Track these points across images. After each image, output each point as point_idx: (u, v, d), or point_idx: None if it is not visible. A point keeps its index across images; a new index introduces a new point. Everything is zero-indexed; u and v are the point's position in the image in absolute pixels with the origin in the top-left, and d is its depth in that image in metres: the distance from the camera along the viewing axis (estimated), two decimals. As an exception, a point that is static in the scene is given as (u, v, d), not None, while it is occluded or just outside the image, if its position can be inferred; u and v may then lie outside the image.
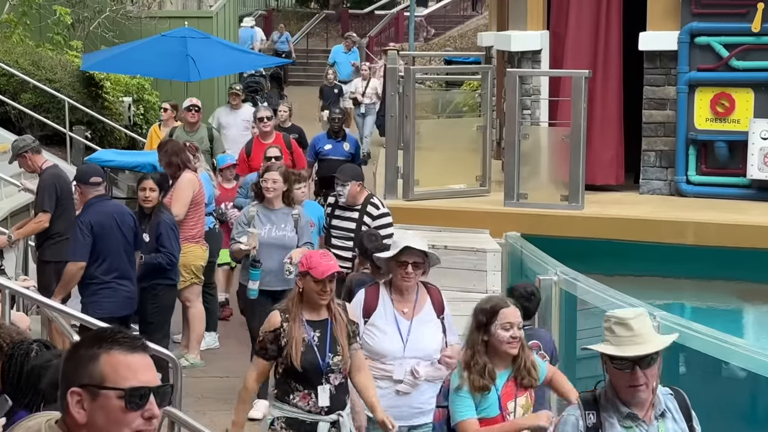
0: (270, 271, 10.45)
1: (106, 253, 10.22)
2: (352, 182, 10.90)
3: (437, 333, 7.81)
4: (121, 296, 10.29)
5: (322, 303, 7.20)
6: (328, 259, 7.29)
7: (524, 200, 14.92)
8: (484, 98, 16.28)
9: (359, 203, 10.97)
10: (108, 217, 10.28)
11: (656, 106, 16.28)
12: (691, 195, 15.95)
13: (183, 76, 18.82)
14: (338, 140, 15.89)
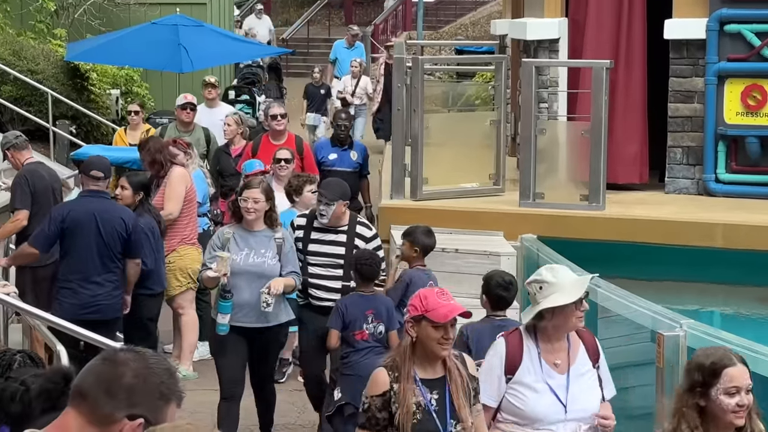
0: (245, 305, 9.81)
1: (73, 251, 10.35)
2: (339, 201, 10.25)
3: (596, 387, 6.92)
4: (83, 300, 10.35)
5: (443, 354, 6.30)
6: (448, 298, 6.40)
7: (541, 200, 14.91)
8: (497, 91, 16.26)
9: (343, 224, 10.36)
10: (87, 215, 10.39)
11: (683, 99, 16.25)
12: (721, 194, 15.93)
13: (175, 67, 18.85)
14: (344, 149, 15.18)
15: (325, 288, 10.29)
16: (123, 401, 3.49)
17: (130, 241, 10.56)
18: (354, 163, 15.07)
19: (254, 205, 9.83)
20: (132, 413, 3.48)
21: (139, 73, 22.38)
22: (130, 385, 3.51)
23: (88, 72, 21.14)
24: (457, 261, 11.32)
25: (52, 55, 20.84)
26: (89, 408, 3.50)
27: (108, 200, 10.82)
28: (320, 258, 10.32)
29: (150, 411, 3.50)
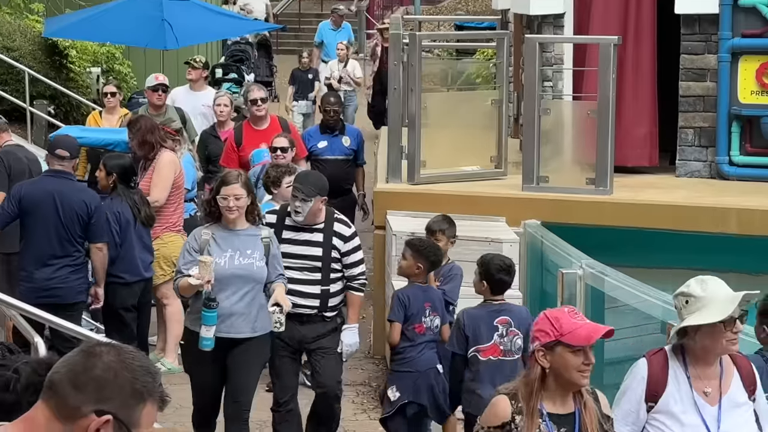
0: (232, 314, 9.21)
1: (31, 232, 10.52)
2: (317, 197, 9.66)
3: (752, 422, 6.26)
4: (38, 283, 10.51)
5: (583, 383, 5.70)
6: (583, 318, 5.80)
7: (545, 184, 14.89)
8: (499, 68, 16.23)
9: (319, 222, 9.77)
10: (46, 194, 10.54)
11: (694, 77, 16.24)
12: (735, 178, 15.92)
13: (159, 44, 18.77)
14: (335, 135, 14.95)
15: (300, 294, 9.66)
16: (91, 395, 3.44)
17: (90, 224, 10.65)
18: (347, 150, 14.85)
19: (236, 203, 9.18)
20: (100, 408, 3.45)
21: (121, 50, 22.33)
22: (98, 378, 3.46)
23: (68, 49, 21.11)
24: (457, 248, 11.27)
25: (29, 32, 20.81)
26: (57, 401, 3.47)
27: (70, 181, 10.88)
28: (294, 260, 9.68)
29: (120, 408, 3.45)
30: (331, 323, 9.84)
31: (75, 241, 10.62)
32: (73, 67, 21.10)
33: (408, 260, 9.80)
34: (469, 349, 9.16)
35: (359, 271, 9.87)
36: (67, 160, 10.76)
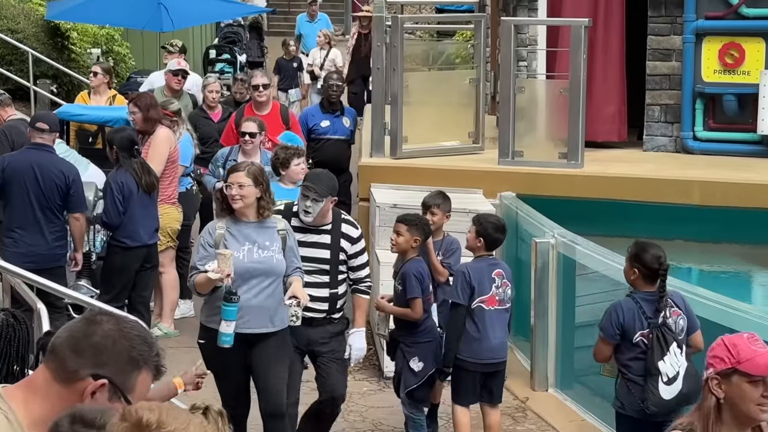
0: (251, 308, 8.35)
1: (13, 201, 10.63)
2: (329, 198, 8.84)
3: None
4: (23, 249, 10.59)
5: (762, 417, 4.81)
6: (764, 345, 4.86)
7: (520, 158, 14.89)
8: (477, 49, 16.21)
9: (327, 223, 8.91)
10: (26, 165, 10.64)
11: (661, 57, 16.25)
12: (698, 152, 15.96)
13: (155, 26, 18.72)
14: (336, 114, 14.34)
15: (312, 298, 8.63)
16: (89, 360, 3.46)
17: (69, 194, 10.72)
18: (347, 130, 14.45)
19: (239, 191, 8.35)
20: (96, 373, 3.45)
21: (120, 33, 22.26)
22: (97, 345, 3.47)
23: (69, 31, 21.02)
24: (436, 218, 11.27)
25: (33, 14, 20.72)
26: (57, 364, 3.49)
27: (50, 153, 10.94)
28: (305, 264, 8.76)
29: (116, 374, 3.46)
30: (338, 325, 9.03)
31: (55, 210, 10.72)
32: (74, 48, 21.02)
33: (404, 236, 9.43)
34: (473, 300, 9.10)
35: (365, 273, 9.08)
36: (47, 132, 10.83)
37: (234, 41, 25.43)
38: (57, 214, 10.75)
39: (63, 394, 3.47)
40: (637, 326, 8.15)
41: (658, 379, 8.05)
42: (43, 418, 3.45)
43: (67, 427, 3.22)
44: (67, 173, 10.79)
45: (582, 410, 10.67)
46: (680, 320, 8.20)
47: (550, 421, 10.44)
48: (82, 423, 3.22)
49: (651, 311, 8.14)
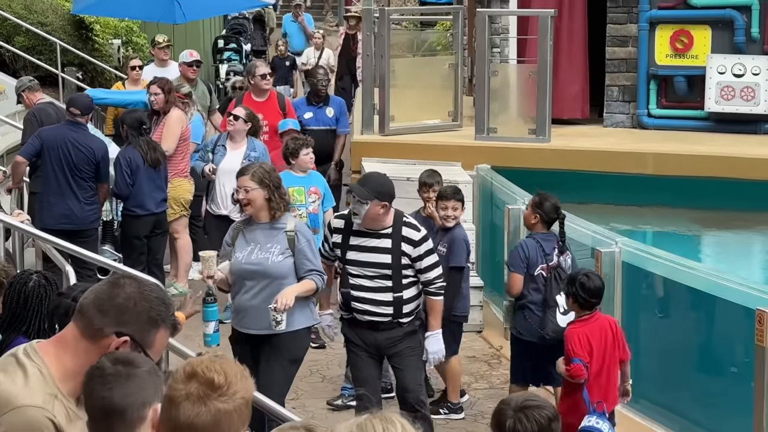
0: (248, 308, 7.70)
1: (50, 170, 10.72)
2: (375, 201, 7.62)
3: None
4: (57, 212, 10.68)
5: None
6: None
7: (494, 134, 14.87)
8: (455, 37, 16.17)
9: (387, 226, 7.74)
10: (61, 140, 10.75)
11: (619, 43, 16.22)
12: (652, 127, 15.96)
13: (169, 19, 18.57)
14: (320, 106, 13.18)
15: (372, 302, 7.77)
16: (112, 319, 3.45)
17: (99, 168, 10.87)
18: (330, 120, 13.21)
19: (246, 195, 7.66)
20: (119, 331, 3.44)
21: (138, 25, 22.09)
22: (120, 306, 3.47)
23: (92, 24, 20.88)
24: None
25: (60, 9, 20.57)
26: (85, 323, 3.47)
27: (84, 131, 11.02)
28: (363, 268, 7.77)
29: (137, 332, 3.46)
30: (408, 327, 7.86)
31: (86, 179, 10.77)
32: (97, 39, 20.88)
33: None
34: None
35: (435, 274, 7.83)
36: (80, 116, 10.89)
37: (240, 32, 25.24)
38: (88, 182, 10.83)
39: (90, 349, 3.46)
40: (539, 261, 8.63)
41: (556, 310, 8.53)
42: (73, 372, 3.44)
43: (110, 366, 3.20)
44: (97, 149, 10.91)
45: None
46: (568, 259, 8.78)
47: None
48: (125, 363, 3.22)
49: (549, 249, 8.66)
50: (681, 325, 9.59)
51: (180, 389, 3.11)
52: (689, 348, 9.51)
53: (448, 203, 9.10)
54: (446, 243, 9.02)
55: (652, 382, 9.56)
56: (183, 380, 3.13)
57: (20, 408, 3.34)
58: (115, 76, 20.07)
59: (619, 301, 9.29)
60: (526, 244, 8.76)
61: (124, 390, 3.16)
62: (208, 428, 3.09)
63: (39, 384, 3.41)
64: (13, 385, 3.39)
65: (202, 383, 3.10)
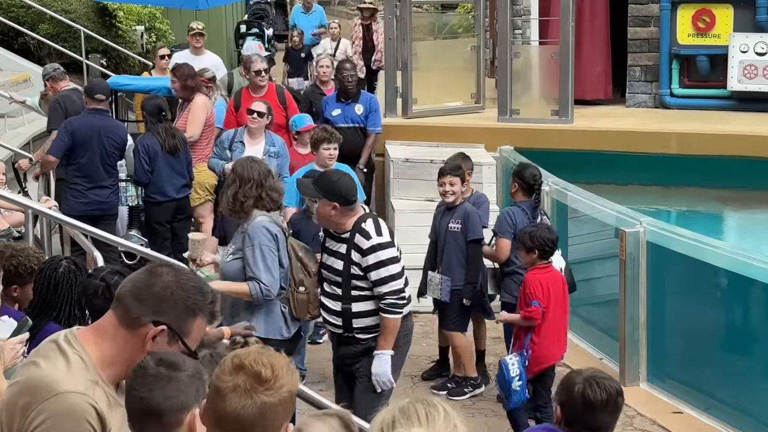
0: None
1: (81, 159, 10.79)
2: (323, 200, 7.02)
3: None
4: (89, 198, 10.80)
5: None
6: None
7: (517, 116, 14.84)
8: (477, 20, 16.12)
9: (346, 230, 7.05)
10: (90, 129, 10.84)
11: (641, 23, 16.14)
12: (675, 107, 15.89)
13: (191, 5, 18.61)
14: (348, 102, 12.46)
15: (326, 309, 7.27)
16: (150, 308, 3.45)
17: (123, 152, 11.08)
18: (359, 118, 12.45)
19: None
20: (157, 320, 3.45)
21: (161, 11, 22.13)
22: (157, 295, 3.47)
23: (116, 10, 20.92)
24: (443, 171, 11.23)
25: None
26: (123, 311, 3.49)
27: (109, 117, 11.24)
28: (326, 272, 7.24)
29: (174, 321, 3.46)
30: (366, 344, 7.18)
31: (114, 165, 10.95)
32: (121, 26, 20.92)
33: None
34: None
35: (386, 289, 7.00)
36: (103, 102, 11.00)
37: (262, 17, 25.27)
38: (114, 170, 10.95)
39: (128, 337, 3.47)
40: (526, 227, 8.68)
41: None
42: (112, 359, 3.46)
43: (153, 367, 3.20)
44: (123, 135, 11.13)
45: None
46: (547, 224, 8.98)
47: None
48: (168, 365, 3.21)
49: (532, 216, 8.91)
50: (705, 303, 9.57)
51: (227, 381, 3.11)
52: (714, 326, 9.50)
53: (445, 179, 9.20)
54: (459, 219, 9.10)
55: (678, 361, 9.56)
56: (230, 372, 3.12)
57: (63, 394, 3.35)
58: (139, 62, 20.13)
59: (643, 281, 9.29)
60: (512, 211, 8.97)
61: (163, 392, 3.15)
62: (254, 420, 3.09)
63: (80, 370, 3.42)
64: (55, 372, 3.41)
65: (250, 376, 3.10)
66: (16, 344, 5.04)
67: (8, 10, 19.31)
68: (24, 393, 3.42)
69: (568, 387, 4.55)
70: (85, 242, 8.53)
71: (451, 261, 9.14)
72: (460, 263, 9.12)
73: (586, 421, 4.51)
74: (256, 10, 25.82)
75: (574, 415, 4.52)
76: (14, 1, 19.30)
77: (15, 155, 13.09)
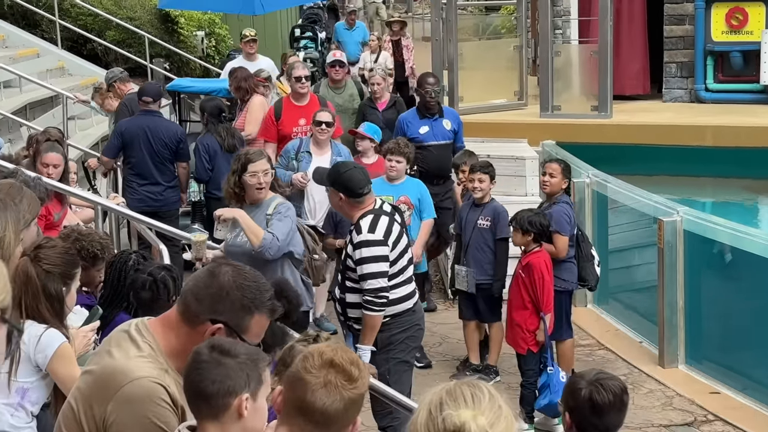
0: None
1: (132, 158, 10.87)
2: (331, 189, 6.90)
3: None
4: (141, 195, 10.80)
5: None
6: None
7: (558, 111, 14.80)
8: (519, 21, 16.12)
9: (354, 221, 6.87)
10: (139, 128, 10.86)
11: (676, 21, 16.04)
12: (710, 101, 15.80)
13: (248, 10, 18.63)
14: (435, 118, 10.85)
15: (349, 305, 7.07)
16: (207, 307, 3.47)
17: (178, 149, 10.99)
18: (448, 134, 10.92)
19: (265, 179, 7.40)
20: (214, 318, 3.47)
21: (220, 17, 22.23)
22: (214, 295, 3.48)
23: (177, 17, 21.04)
24: (489, 165, 11.21)
25: (147, 4, 20.76)
26: (184, 308, 3.51)
27: (158, 117, 11.18)
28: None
29: (231, 319, 3.47)
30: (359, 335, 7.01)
31: (166, 162, 10.95)
32: (183, 32, 21.04)
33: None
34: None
35: (367, 286, 6.74)
36: (152, 103, 11.04)
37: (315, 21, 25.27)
38: (168, 166, 10.96)
39: (190, 333, 3.49)
40: (574, 222, 8.76)
41: (594, 262, 8.81)
42: (178, 350, 3.48)
43: (207, 353, 3.19)
44: (175, 131, 11.11)
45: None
46: None
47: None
48: (220, 351, 3.18)
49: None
50: (741, 289, 9.52)
51: (318, 376, 3.10)
52: (749, 310, 9.43)
53: (474, 176, 9.06)
54: (489, 216, 8.96)
55: (715, 344, 9.51)
56: (320, 367, 3.12)
57: (137, 380, 3.39)
58: (199, 65, 20.24)
59: (681, 268, 9.23)
60: (566, 209, 8.75)
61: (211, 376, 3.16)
62: (338, 415, 3.10)
63: (151, 358, 3.46)
64: (128, 360, 3.45)
65: (340, 373, 3.11)
66: (88, 332, 5.08)
67: (77, 18, 19.49)
68: (99, 382, 3.47)
69: (574, 392, 4.40)
70: (151, 236, 8.59)
71: (476, 255, 8.98)
72: (486, 258, 8.96)
73: (596, 424, 4.39)
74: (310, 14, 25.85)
75: (583, 420, 4.40)
76: (83, 10, 19.47)
77: (84, 155, 13.21)
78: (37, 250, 4.74)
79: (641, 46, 16.42)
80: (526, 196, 11.46)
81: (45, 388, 4.71)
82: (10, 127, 14.41)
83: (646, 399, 8.63)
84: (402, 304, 6.94)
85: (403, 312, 6.96)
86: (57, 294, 4.71)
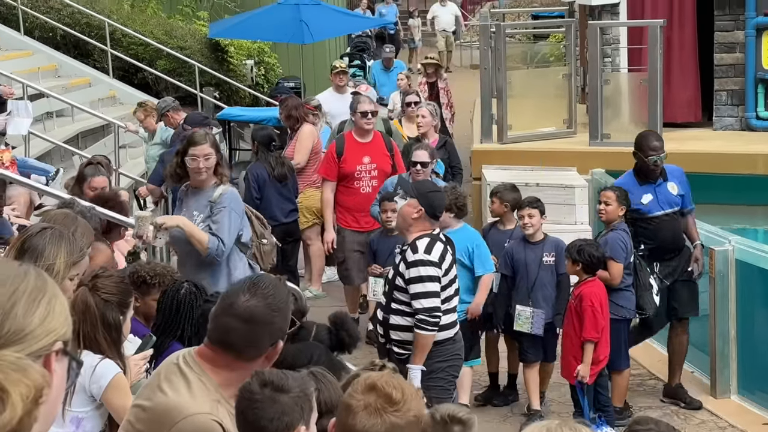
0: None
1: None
2: (413, 200, 6.86)
3: None
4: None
5: None
6: None
7: (607, 139, 14.75)
8: (568, 49, 16.10)
9: (410, 240, 6.90)
10: None
11: (726, 49, 15.96)
12: (761, 129, 15.68)
13: (297, 39, 18.79)
14: (658, 183, 9.09)
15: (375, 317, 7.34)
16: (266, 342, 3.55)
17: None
18: (676, 199, 9.15)
19: (205, 163, 7.20)
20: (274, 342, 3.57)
21: (269, 46, 22.39)
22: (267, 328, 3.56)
23: (227, 46, 21.23)
24: (538, 193, 11.18)
25: (197, 33, 20.97)
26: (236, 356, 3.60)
27: None
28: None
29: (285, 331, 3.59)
30: (398, 358, 6.85)
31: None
32: (232, 60, 21.22)
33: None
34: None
35: (419, 305, 6.77)
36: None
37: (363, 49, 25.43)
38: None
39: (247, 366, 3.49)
40: (631, 249, 8.66)
41: (652, 292, 8.71)
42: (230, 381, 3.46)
43: (258, 390, 3.18)
44: None
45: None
46: None
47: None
48: (273, 388, 3.18)
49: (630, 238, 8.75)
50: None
51: (359, 399, 3.13)
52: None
53: (523, 211, 8.88)
54: (552, 252, 8.78)
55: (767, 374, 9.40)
56: (363, 391, 3.14)
57: (191, 416, 3.40)
58: (249, 93, 20.37)
59: (733, 297, 9.16)
60: (622, 237, 8.63)
61: (269, 414, 3.15)
62: None
63: (203, 392, 3.46)
64: (179, 396, 3.46)
65: (381, 396, 3.12)
66: (139, 360, 5.11)
67: (128, 48, 19.70)
68: (154, 417, 3.48)
69: None
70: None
71: (546, 294, 8.75)
72: (550, 295, 8.75)
73: None
74: (358, 42, 25.99)
75: None
76: (134, 40, 19.68)
77: (135, 182, 13.32)
78: (95, 279, 4.78)
79: (692, 73, 16.35)
80: (575, 224, 11.43)
81: (99, 418, 4.75)
82: (63, 156, 14.58)
83: (699, 429, 8.57)
84: (445, 332, 6.98)
85: (445, 340, 7.00)
86: (115, 323, 4.75)
